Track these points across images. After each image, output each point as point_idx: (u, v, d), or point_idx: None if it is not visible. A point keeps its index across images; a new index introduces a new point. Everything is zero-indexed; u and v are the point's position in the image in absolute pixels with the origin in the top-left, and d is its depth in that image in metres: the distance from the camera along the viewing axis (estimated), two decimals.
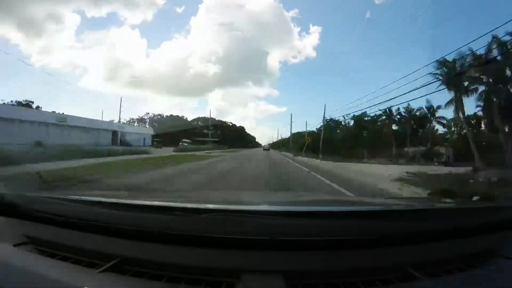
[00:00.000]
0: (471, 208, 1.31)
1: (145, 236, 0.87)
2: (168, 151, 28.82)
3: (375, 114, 33.25)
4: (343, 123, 36.28)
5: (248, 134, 71.74)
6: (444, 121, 31.49)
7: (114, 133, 38.25)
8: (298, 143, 45.20)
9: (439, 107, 29.30)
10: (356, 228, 0.91)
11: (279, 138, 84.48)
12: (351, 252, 0.84)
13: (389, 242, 0.89)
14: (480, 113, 23.75)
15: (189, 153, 26.13)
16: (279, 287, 0.70)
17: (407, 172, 11.51)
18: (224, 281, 0.73)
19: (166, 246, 0.84)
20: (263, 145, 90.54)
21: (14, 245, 0.88)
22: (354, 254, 0.84)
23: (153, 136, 49.71)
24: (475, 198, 3.68)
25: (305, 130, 47.25)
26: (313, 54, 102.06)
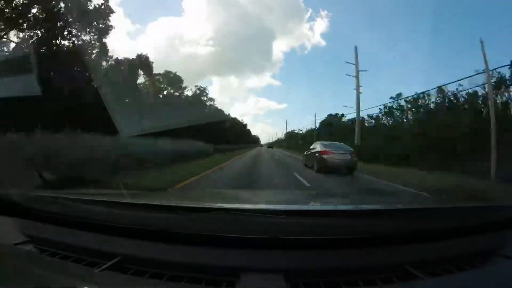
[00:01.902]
0: (471, 208, 1.31)
1: (146, 235, 0.87)
2: None
3: None
4: None
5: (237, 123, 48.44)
6: None
7: None
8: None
9: None
10: (356, 227, 0.91)
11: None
12: (352, 251, 0.84)
13: (390, 241, 0.89)
14: None
15: None
16: (280, 286, 0.70)
17: None
18: (224, 280, 0.73)
19: (166, 244, 0.84)
20: (262, 143, 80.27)
21: (15, 244, 0.88)
22: (355, 253, 0.84)
23: None
24: None
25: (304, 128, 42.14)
26: (322, 43, 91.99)
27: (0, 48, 13.85)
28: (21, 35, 14.01)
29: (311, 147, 12.40)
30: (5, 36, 13.59)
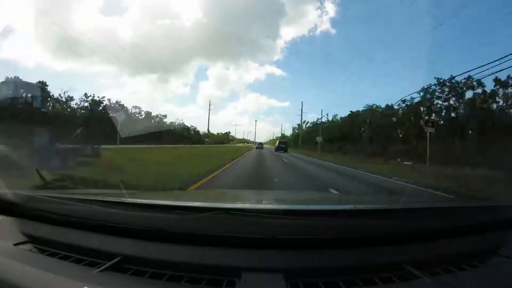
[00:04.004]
0: (472, 208, 1.31)
1: (146, 234, 0.87)
2: None
3: None
4: None
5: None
6: None
7: None
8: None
9: None
10: (355, 227, 0.92)
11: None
12: (351, 251, 0.84)
13: (389, 241, 0.89)
14: None
15: None
16: (280, 285, 0.70)
17: None
18: (225, 280, 0.73)
19: (167, 244, 0.84)
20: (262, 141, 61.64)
21: (15, 244, 0.88)
22: (354, 253, 0.84)
23: None
24: None
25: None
26: (331, 31, 74.04)
27: None
28: None
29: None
30: None
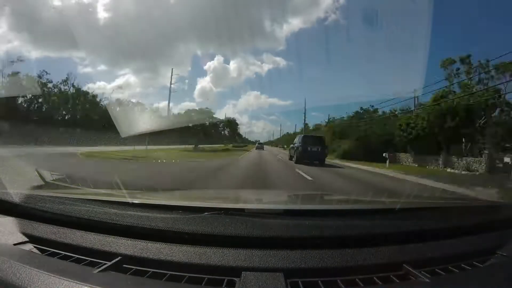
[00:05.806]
0: (471, 207, 1.32)
1: (146, 234, 0.87)
2: None
3: None
4: None
5: None
6: None
7: None
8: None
9: None
10: (355, 227, 0.92)
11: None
12: (350, 250, 0.85)
13: (389, 241, 0.89)
14: None
15: None
16: (279, 285, 0.70)
17: None
18: (225, 279, 0.73)
19: (167, 244, 0.84)
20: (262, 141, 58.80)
21: (15, 244, 0.88)
22: (353, 252, 0.84)
23: None
24: None
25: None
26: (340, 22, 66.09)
27: None
28: None
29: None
30: None
